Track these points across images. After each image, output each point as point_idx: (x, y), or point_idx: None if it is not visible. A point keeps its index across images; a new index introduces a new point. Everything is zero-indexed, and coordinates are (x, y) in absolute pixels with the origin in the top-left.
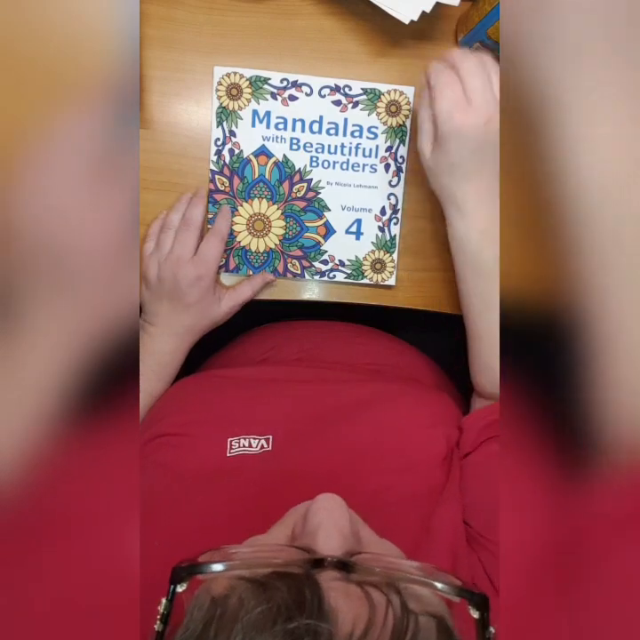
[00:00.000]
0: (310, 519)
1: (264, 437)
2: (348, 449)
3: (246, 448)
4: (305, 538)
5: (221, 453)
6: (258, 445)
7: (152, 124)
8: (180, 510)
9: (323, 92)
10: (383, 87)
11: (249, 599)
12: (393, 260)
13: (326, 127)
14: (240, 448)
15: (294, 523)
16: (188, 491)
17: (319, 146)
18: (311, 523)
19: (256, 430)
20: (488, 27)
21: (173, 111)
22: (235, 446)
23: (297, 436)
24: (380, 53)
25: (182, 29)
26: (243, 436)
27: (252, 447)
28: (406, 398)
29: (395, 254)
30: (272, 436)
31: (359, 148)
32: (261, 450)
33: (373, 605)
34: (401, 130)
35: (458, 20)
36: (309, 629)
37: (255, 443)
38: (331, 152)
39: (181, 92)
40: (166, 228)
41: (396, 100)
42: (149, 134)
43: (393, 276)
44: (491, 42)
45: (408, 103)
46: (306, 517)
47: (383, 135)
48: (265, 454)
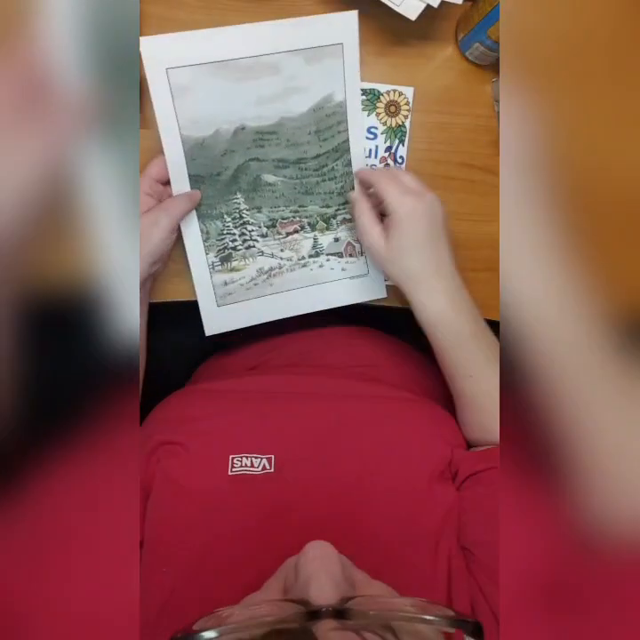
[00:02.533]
0: (301, 570)
1: (266, 457)
2: (349, 473)
3: (248, 468)
4: (298, 590)
5: (223, 471)
6: (260, 465)
7: (152, 124)
8: (180, 532)
9: None
10: (382, 87)
11: None
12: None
13: None
14: (242, 467)
15: (285, 576)
16: (189, 511)
17: None
18: (303, 574)
19: (257, 449)
20: (488, 27)
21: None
22: (236, 465)
23: (298, 460)
24: (380, 53)
25: (182, 29)
26: (244, 454)
27: (253, 467)
28: (405, 415)
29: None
30: (274, 456)
31: None
32: (263, 471)
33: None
34: (400, 130)
35: (458, 20)
36: None
37: (257, 462)
38: None
39: None
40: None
41: (395, 101)
42: (149, 134)
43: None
44: (490, 41)
45: (407, 103)
46: (297, 569)
47: (382, 135)
48: (266, 476)
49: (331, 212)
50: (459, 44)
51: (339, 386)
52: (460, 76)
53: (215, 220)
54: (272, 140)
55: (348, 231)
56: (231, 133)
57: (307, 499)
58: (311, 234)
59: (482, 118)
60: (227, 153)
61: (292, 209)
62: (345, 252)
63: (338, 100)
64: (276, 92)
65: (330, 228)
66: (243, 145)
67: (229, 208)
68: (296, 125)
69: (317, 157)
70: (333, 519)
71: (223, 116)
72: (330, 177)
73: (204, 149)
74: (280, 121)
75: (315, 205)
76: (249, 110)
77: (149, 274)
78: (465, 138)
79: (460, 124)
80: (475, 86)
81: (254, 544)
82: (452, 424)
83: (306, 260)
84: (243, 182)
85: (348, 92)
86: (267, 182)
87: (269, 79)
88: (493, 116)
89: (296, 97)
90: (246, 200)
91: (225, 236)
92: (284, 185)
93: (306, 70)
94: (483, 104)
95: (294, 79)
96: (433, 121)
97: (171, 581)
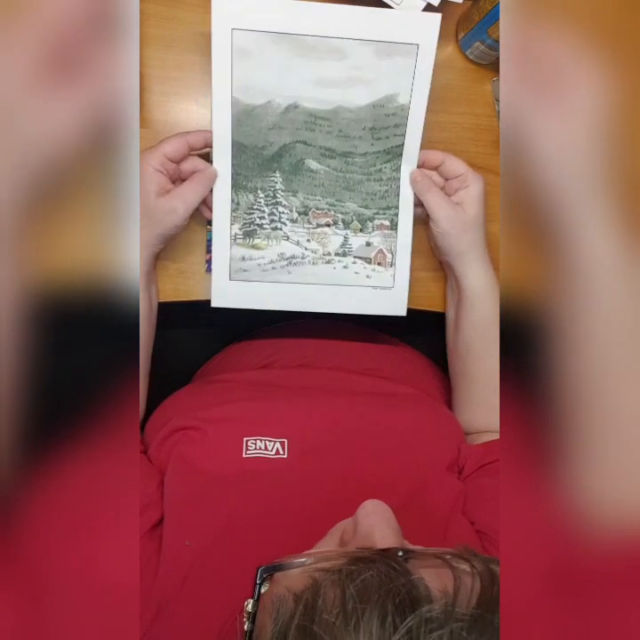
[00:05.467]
0: (362, 522)
1: (279, 440)
2: (361, 465)
3: (262, 451)
4: (359, 541)
5: (238, 453)
6: (273, 449)
7: (152, 124)
8: (198, 511)
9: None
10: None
11: (341, 581)
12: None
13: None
14: (256, 450)
15: (341, 532)
16: (206, 491)
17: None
18: (363, 526)
19: (271, 432)
20: (488, 26)
21: (173, 111)
22: (251, 447)
23: (311, 450)
24: None
25: (182, 29)
26: (258, 436)
27: (267, 450)
28: (415, 411)
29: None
30: (287, 440)
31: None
32: (276, 455)
33: (453, 567)
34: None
35: (458, 20)
36: (408, 587)
37: (271, 445)
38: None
39: (181, 91)
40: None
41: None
42: (149, 134)
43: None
44: (491, 40)
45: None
46: (357, 522)
47: None
48: (280, 461)
49: (369, 213)
50: (459, 43)
51: (350, 380)
52: (461, 75)
53: (248, 192)
54: (324, 127)
55: (383, 238)
56: (283, 109)
57: (319, 485)
58: (343, 231)
59: (482, 117)
60: (275, 128)
61: (328, 201)
62: (374, 259)
63: (401, 103)
64: (337, 78)
65: (364, 230)
66: (293, 124)
67: (265, 184)
68: (352, 117)
69: (366, 155)
70: (346, 502)
71: (278, 89)
72: (375, 178)
73: (253, 118)
74: (336, 109)
75: (353, 203)
76: (306, 89)
77: (160, 249)
78: (465, 137)
79: (460, 124)
80: (475, 85)
81: (270, 522)
82: (454, 420)
83: (331, 256)
84: (285, 162)
85: (414, 96)
86: (309, 168)
87: (333, 63)
88: (494, 115)
89: (358, 88)
90: (284, 181)
91: (254, 211)
92: (327, 175)
93: (373, 63)
94: (483, 103)
95: (359, 69)
96: (433, 120)
97: (191, 556)
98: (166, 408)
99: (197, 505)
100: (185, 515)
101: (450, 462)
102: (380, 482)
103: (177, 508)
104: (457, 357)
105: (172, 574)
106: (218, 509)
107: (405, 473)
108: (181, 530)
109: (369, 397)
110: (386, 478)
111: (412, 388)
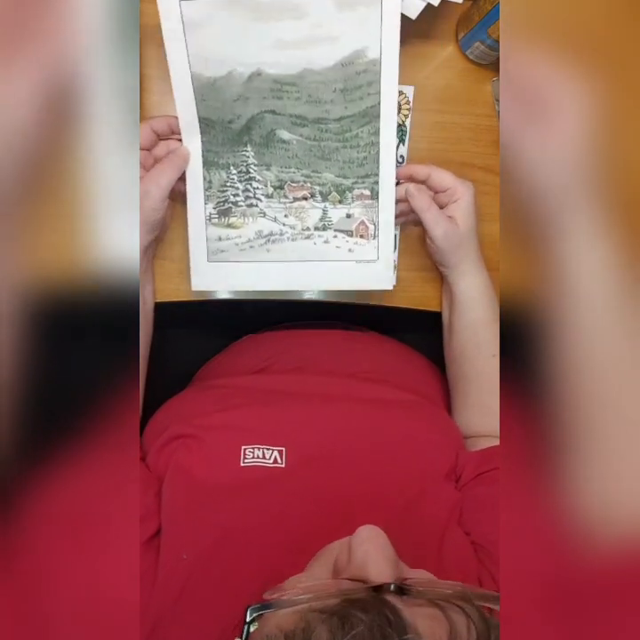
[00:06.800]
0: (356, 551)
1: (277, 448)
2: (358, 472)
3: (260, 459)
4: (353, 570)
5: (235, 462)
6: (271, 457)
7: (151, 114)
8: (195, 523)
9: None
10: None
11: (333, 629)
12: (393, 259)
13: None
14: (254, 459)
15: (335, 558)
16: (203, 502)
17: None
18: (357, 554)
19: (269, 440)
20: (488, 25)
21: (173, 111)
22: (249, 456)
23: (309, 458)
24: None
25: None
26: (256, 445)
27: (265, 458)
28: (412, 417)
29: (395, 254)
30: (285, 448)
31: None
32: (274, 464)
33: (449, 617)
34: (400, 129)
35: (458, 19)
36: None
37: (269, 454)
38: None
39: None
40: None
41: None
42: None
43: (393, 276)
44: (491, 40)
45: (408, 102)
46: (350, 550)
47: None
48: (277, 470)
49: (347, 183)
50: (459, 43)
51: (347, 386)
52: (461, 75)
53: (220, 169)
54: (291, 93)
55: (364, 209)
56: (246, 78)
57: (317, 494)
58: (321, 204)
59: (482, 117)
60: (240, 99)
61: (304, 173)
62: (356, 232)
63: (371, 57)
64: (298, 39)
65: (343, 201)
66: (258, 93)
67: (237, 160)
68: (319, 80)
69: (340, 120)
70: (343, 513)
71: (238, 58)
72: (352, 144)
73: (216, 91)
74: (302, 72)
75: (330, 173)
76: (266, 54)
77: (149, 241)
78: (465, 137)
79: (460, 124)
80: (475, 85)
81: (267, 533)
82: (454, 427)
83: (310, 231)
84: (255, 135)
85: (384, 48)
86: (281, 139)
87: (292, 23)
88: (494, 115)
89: (322, 47)
90: (256, 155)
91: (227, 188)
92: (300, 145)
93: (335, 17)
94: (483, 103)
95: (321, 26)
96: (433, 120)
97: (188, 568)
98: (164, 414)
99: (194, 516)
100: (182, 526)
101: (448, 470)
102: (377, 492)
103: (174, 519)
104: (452, 360)
105: (168, 588)
106: (214, 520)
107: (403, 483)
108: (178, 542)
109: (367, 404)
110: (384, 488)
111: (411, 394)
